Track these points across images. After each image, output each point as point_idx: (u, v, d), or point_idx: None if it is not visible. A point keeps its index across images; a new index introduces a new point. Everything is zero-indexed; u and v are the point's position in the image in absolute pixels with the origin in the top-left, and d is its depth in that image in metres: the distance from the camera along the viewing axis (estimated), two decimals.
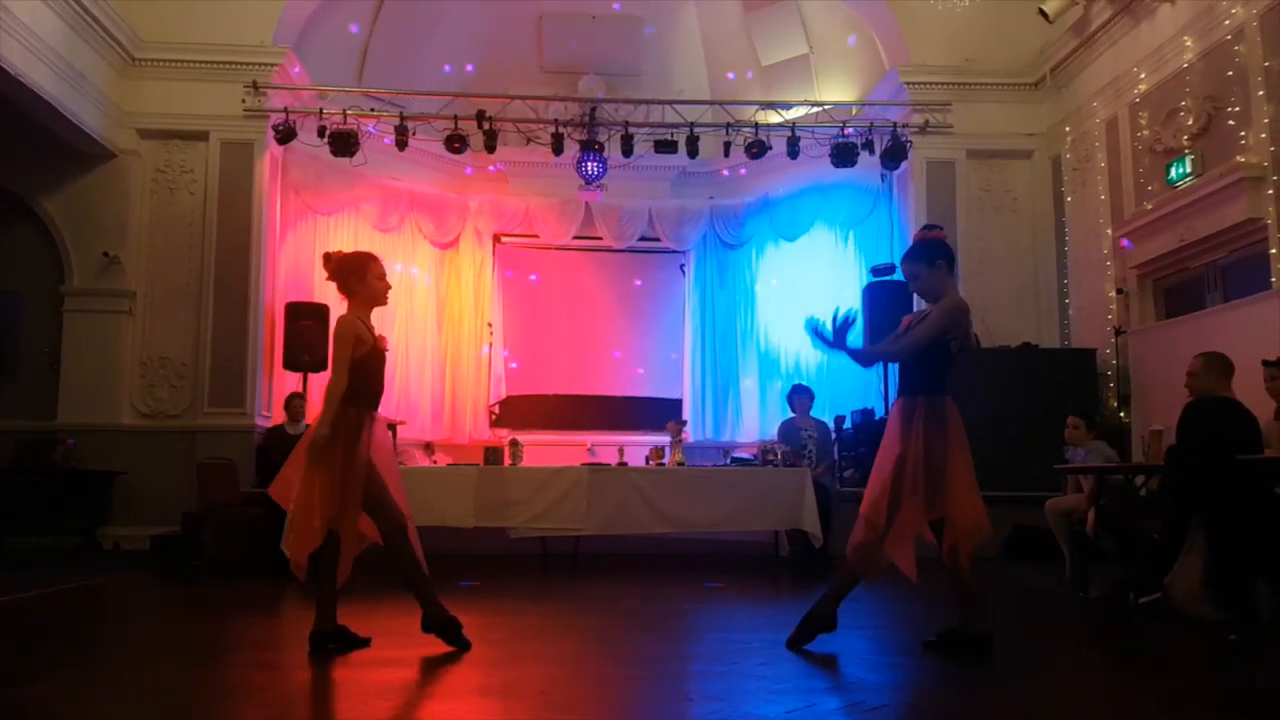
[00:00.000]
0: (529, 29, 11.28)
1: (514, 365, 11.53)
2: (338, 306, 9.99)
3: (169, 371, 9.14)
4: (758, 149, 9.66)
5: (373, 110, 9.67)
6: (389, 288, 4.23)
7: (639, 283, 12.12)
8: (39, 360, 9.05)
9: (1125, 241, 8.38)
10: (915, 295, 4.13)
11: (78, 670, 3.69)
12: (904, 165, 9.80)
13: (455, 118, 9.48)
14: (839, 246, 11.08)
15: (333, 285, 4.25)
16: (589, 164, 9.94)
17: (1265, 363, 5.05)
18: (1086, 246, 9.06)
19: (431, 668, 3.73)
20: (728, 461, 8.47)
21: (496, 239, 11.68)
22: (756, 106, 10.13)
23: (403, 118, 9.48)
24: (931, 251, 4.06)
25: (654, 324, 12.03)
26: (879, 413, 9.30)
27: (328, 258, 4.25)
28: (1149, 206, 8.04)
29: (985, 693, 3.38)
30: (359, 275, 4.14)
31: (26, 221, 9.21)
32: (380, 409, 4.15)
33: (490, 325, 11.39)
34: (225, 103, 9.22)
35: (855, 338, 4.09)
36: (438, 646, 3.93)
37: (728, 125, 9.72)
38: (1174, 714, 3.17)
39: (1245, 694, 3.49)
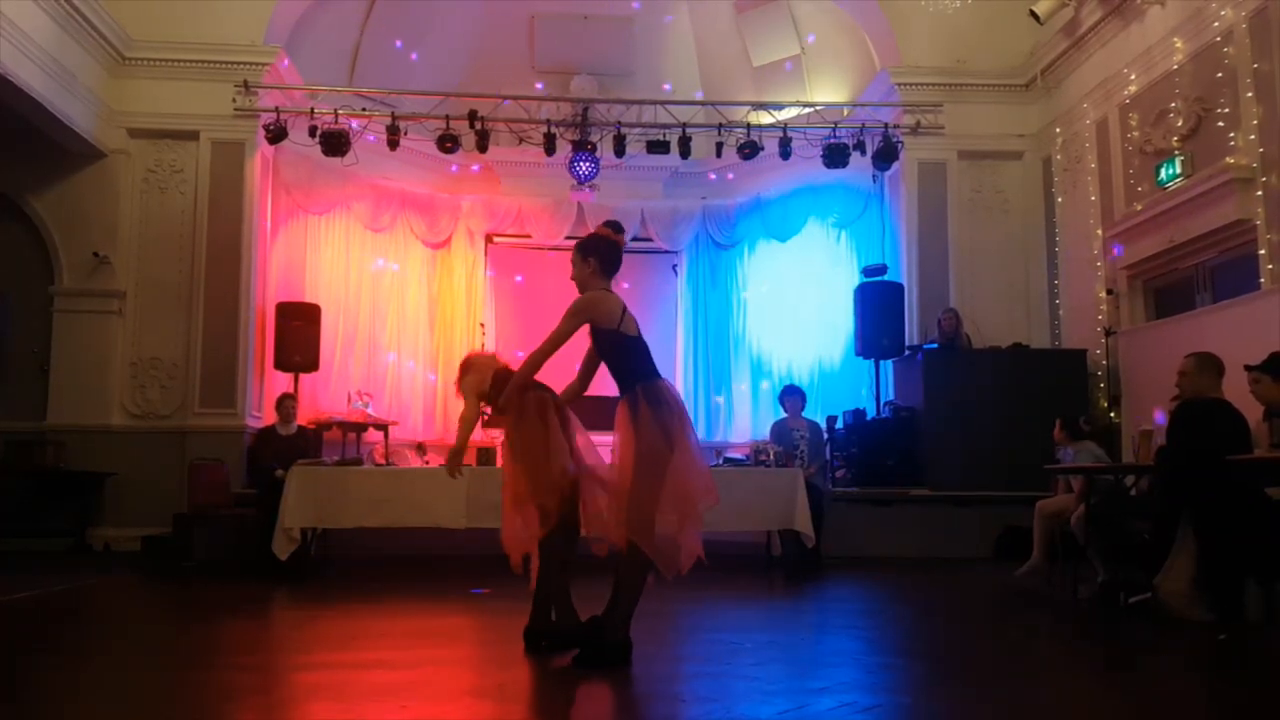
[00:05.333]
0: (520, 29, 11.26)
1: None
2: (329, 307, 10.04)
3: (159, 372, 9.10)
4: (750, 150, 9.66)
5: (364, 110, 9.64)
6: None
7: (631, 283, 12.09)
8: (28, 361, 9.00)
9: (1116, 248, 8.42)
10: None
11: (67, 673, 3.67)
12: (895, 166, 9.82)
13: (447, 118, 9.46)
14: (831, 247, 11.10)
15: (323, 285, 4.24)
16: (581, 164, 9.93)
17: (1248, 367, 5.08)
18: (1077, 247, 9.09)
19: (424, 670, 3.72)
20: (720, 462, 8.47)
21: (488, 239, 11.65)
22: (748, 107, 10.13)
23: (394, 117, 9.45)
24: (588, 247, 4.12)
25: (646, 324, 11.80)
26: (871, 414, 9.33)
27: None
28: (1139, 207, 8.07)
29: (976, 693, 3.39)
30: None
31: (15, 221, 9.16)
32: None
33: (482, 326, 11.37)
34: (216, 102, 9.18)
35: None
36: (431, 648, 3.93)
37: (720, 126, 9.72)
38: (1162, 715, 3.18)
39: (1233, 694, 3.51)
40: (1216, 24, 7.17)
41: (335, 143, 9.23)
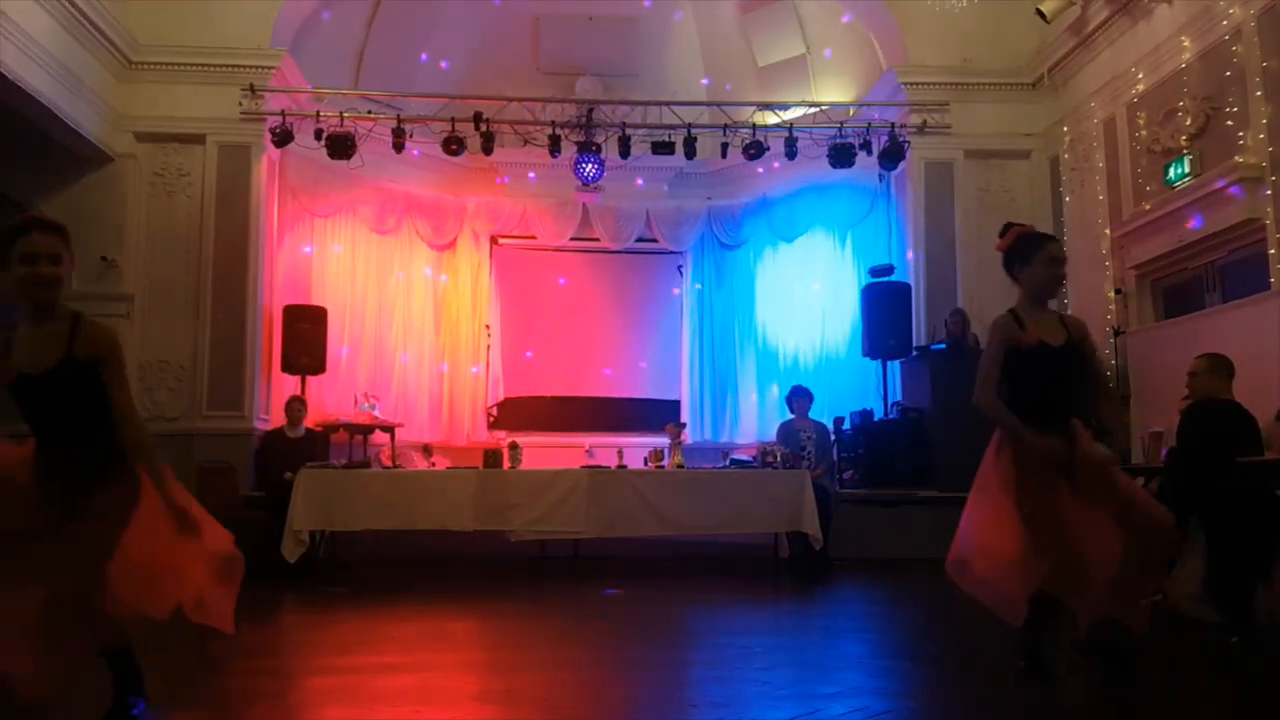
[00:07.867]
0: (525, 30, 11.27)
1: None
2: (335, 309, 10.04)
3: (167, 375, 9.11)
4: (755, 150, 9.64)
5: (370, 112, 9.65)
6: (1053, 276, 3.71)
7: (636, 284, 12.10)
8: None
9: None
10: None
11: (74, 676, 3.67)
12: (902, 166, 9.79)
13: (452, 119, 9.46)
14: (837, 247, 11.08)
15: (329, 287, 4.08)
16: (586, 165, 9.92)
17: None
18: (1085, 247, 9.05)
19: (433, 674, 3.72)
20: (727, 463, 8.46)
21: (494, 240, 11.66)
22: (754, 107, 10.12)
23: (400, 120, 9.46)
24: None
25: (652, 325, 12.01)
26: (878, 414, 9.30)
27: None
28: (1147, 207, 8.04)
29: (985, 696, 3.38)
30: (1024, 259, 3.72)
31: None
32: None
33: (488, 327, 11.38)
34: (222, 106, 9.19)
35: None
36: (440, 652, 3.92)
37: (725, 126, 9.71)
38: (1172, 717, 3.17)
39: (1243, 696, 3.49)
40: (1225, 22, 7.14)
41: (341, 145, 9.24)
